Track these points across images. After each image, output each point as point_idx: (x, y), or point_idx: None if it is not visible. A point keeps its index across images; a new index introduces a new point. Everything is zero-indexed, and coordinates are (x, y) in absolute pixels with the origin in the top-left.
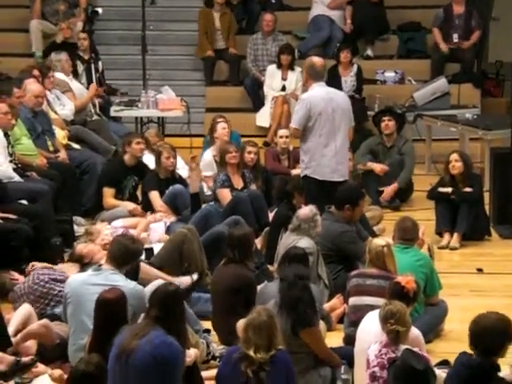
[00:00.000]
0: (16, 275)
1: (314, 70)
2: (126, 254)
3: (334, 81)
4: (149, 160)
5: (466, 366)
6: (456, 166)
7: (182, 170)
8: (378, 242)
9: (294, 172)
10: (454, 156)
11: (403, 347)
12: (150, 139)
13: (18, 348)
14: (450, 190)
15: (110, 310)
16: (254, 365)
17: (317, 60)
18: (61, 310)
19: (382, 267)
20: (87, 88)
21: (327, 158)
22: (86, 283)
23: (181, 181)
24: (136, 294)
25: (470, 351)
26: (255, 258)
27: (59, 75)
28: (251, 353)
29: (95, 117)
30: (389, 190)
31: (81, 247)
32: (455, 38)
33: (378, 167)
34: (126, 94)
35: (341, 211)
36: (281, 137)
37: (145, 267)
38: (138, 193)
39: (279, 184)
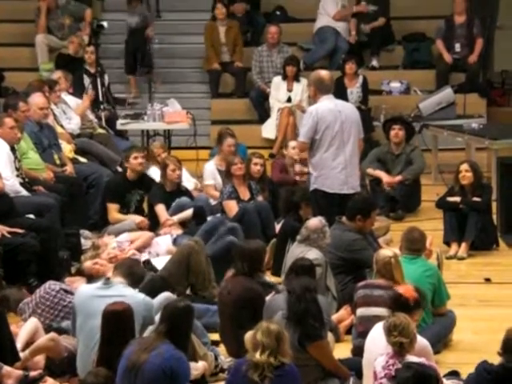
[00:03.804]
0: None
1: (322, 83)
2: (142, 278)
3: (339, 92)
4: (154, 173)
5: (489, 371)
6: (466, 176)
7: (188, 182)
8: (386, 252)
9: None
10: (464, 166)
11: (410, 358)
12: (154, 151)
13: (27, 363)
14: (458, 199)
15: (117, 322)
16: (258, 368)
17: (324, 74)
18: (68, 323)
19: (390, 278)
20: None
21: (336, 171)
22: (95, 295)
23: (187, 193)
24: (146, 306)
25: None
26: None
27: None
28: (257, 355)
29: (100, 130)
30: (393, 179)
31: (89, 265)
32: (457, 47)
33: (385, 178)
34: (135, 104)
35: (352, 222)
36: (293, 148)
37: None
38: (145, 206)
39: (285, 195)
